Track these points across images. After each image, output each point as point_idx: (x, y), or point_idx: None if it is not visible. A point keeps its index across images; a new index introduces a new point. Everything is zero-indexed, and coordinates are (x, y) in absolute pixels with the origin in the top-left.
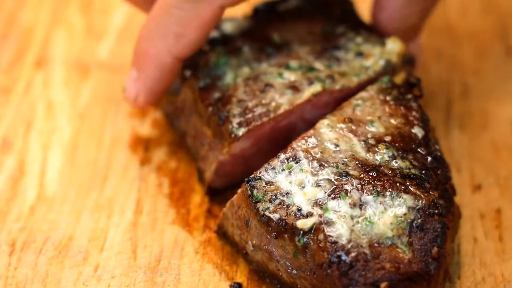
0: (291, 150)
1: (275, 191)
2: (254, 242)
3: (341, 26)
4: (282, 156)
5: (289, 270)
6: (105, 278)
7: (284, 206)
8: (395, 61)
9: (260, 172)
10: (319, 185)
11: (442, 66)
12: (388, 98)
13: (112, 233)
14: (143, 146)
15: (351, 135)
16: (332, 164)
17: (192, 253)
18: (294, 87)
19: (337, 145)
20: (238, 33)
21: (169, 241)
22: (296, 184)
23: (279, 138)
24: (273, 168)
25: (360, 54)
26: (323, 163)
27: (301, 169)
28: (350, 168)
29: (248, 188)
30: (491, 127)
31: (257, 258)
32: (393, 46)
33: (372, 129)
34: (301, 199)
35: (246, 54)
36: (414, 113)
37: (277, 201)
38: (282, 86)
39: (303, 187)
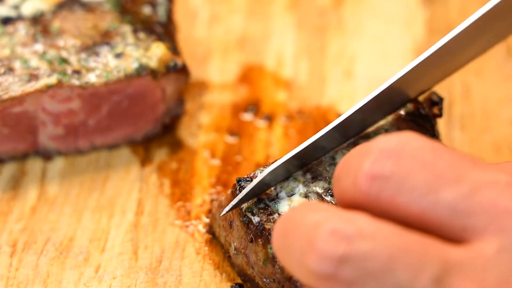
0: None
1: (262, 195)
2: (235, 244)
3: (127, 25)
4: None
5: (262, 277)
6: (106, 279)
7: (267, 212)
8: (155, 66)
9: (252, 174)
10: (307, 196)
11: None
12: (402, 112)
13: (113, 234)
14: (144, 146)
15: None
16: (325, 178)
17: (193, 254)
18: (34, 76)
19: (333, 158)
20: (31, 16)
21: (170, 242)
22: (285, 191)
23: (20, 124)
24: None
25: (119, 55)
26: (317, 176)
27: (295, 178)
28: None
29: (238, 188)
30: (493, 128)
31: (238, 262)
32: (156, 51)
33: None
34: (285, 208)
35: (18, 36)
36: (425, 131)
37: (262, 205)
38: (23, 72)
39: (292, 195)
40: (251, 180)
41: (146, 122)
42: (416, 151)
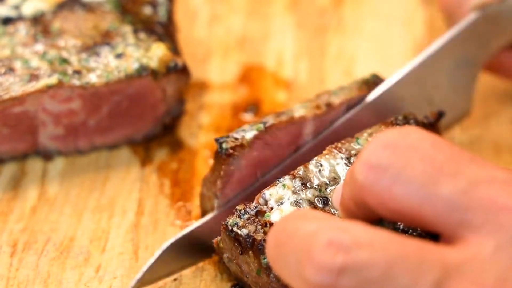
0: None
1: (245, 205)
2: (227, 254)
3: (128, 25)
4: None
5: (257, 287)
6: (107, 279)
7: (255, 222)
8: (156, 66)
9: (234, 133)
10: (298, 204)
11: None
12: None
13: (113, 234)
14: (144, 146)
15: (335, 152)
16: (314, 187)
17: None
18: (34, 76)
19: (321, 164)
20: (32, 16)
21: None
22: (274, 199)
23: (20, 124)
24: (243, 129)
25: (120, 55)
26: (306, 182)
27: (284, 185)
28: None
29: (218, 148)
30: (492, 127)
31: (232, 269)
32: (157, 51)
33: (357, 146)
34: (277, 217)
35: (19, 37)
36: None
37: (246, 216)
38: (23, 72)
39: (281, 204)
40: (228, 137)
41: (146, 122)
42: (415, 143)
